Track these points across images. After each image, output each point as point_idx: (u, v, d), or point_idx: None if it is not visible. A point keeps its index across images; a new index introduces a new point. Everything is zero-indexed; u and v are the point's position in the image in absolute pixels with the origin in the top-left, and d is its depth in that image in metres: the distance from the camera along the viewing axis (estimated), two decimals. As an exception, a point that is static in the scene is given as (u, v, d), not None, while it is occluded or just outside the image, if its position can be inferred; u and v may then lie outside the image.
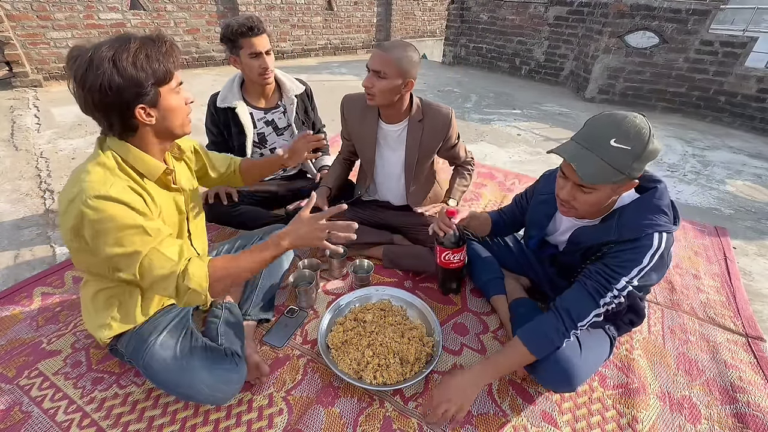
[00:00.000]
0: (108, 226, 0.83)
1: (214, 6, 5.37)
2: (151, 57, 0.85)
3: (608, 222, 1.06)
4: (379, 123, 1.57)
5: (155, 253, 0.88)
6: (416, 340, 1.29)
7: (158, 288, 0.91)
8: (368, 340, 1.28)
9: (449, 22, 6.54)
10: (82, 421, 1.09)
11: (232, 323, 1.24)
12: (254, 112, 1.75)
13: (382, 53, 1.33)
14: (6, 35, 3.82)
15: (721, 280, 1.82)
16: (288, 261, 1.50)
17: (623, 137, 0.89)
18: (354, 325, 1.35)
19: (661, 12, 4.23)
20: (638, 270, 0.97)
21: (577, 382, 1.08)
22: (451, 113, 1.54)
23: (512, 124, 3.95)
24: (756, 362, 1.39)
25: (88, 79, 0.81)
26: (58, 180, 2.38)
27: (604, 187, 0.95)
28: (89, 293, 1.06)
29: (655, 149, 0.92)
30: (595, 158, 0.92)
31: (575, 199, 1.01)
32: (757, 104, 4.11)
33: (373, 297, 1.48)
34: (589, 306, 1.01)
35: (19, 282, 1.57)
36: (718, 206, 2.57)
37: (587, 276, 1.04)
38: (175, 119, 0.95)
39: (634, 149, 0.89)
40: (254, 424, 1.11)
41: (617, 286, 0.98)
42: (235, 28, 1.52)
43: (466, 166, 1.73)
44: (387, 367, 1.20)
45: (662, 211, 0.99)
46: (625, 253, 0.99)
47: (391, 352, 1.24)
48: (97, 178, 0.85)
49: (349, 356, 1.23)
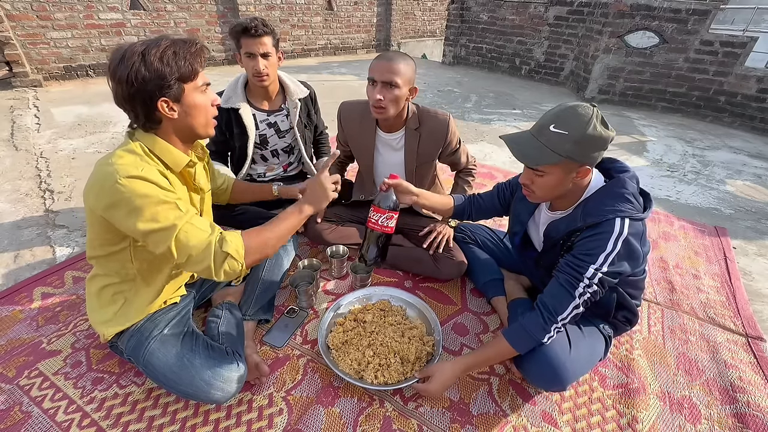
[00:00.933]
0: (143, 202, 0.86)
1: (214, 6, 5.37)
2: (178, 54, 0.90)
3: (573, 213, 1.09)
4: (377, 132, 1.56)
5: (190, 226, 0.91)
6: (416, 339, 1.29)
7: (195, 260, 0.91)
8: (368, 340, 1.28)
9: (449, 22, 6.54)
10: (82, 421, 1.09)
11: (233, 323, 1.24)
12: (257, 114, 1.75)
13: (391, 64, 1.32)
14: (6, 35, 3.82)
15: (721, 280, 1.82)
16: (288, 261, 1.50)
17: (561, 123, 0.97)
18: (354, 325, 1.35)
19: (661, 12, 4.23)
20: (604, 256, 0.98)
21: (567, 379, 1.08)
22: (448, 120, 1.51)
23: (512, 124, 3.95)
24: (756, 362, 1.39)
25: (119, 71, 0.86)
26: (58, 180, 2.38)
27: (551, 169, 1.01)
28: (95, 288, 1.07)
29: (598, 135, 0.95)
30: (535, 142, 1.01)
31: (533, 183, 1.07)
32: (757, 104, 4.11)
33: (373, 297, 1.48)
34: (565, 299, 1.03)
35: (19, 282, 1.57)
36: (718, 206, 2.57)
37: (559, 270, 1.07)
38: (198, 117, 0.97)
39: (570, 133, 0.96)
40: (254, 424, 1.11)
41: (586, 274, 1.00)
42: (237, 27, 1.55)
43: (467, 177, 1.71)
44: (388, 367, 1.20)
45: (625, 198, 1.02)
46: (589, 241, 1.01)
47: (392, 352, 1.24)
48: (129, 161, 0.89)
49: (350, 356, 1.23)
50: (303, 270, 1.54)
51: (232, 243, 0.93)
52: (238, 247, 0.93)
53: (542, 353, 1.07)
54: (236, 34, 1.57)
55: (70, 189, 2.28)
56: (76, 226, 1.96)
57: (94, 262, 1.06)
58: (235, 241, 0.94)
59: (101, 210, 0.89)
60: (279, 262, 1.46)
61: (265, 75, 1.62)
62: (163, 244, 0.88)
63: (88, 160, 2.64)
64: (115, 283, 1.05)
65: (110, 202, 0.86)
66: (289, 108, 1.81)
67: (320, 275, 1.61)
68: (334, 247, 1.67)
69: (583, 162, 0.99)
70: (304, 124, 1.89)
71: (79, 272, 1.63)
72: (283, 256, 1.48)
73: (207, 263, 0.90)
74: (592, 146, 0.97)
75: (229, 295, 1.40)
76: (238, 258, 0.93)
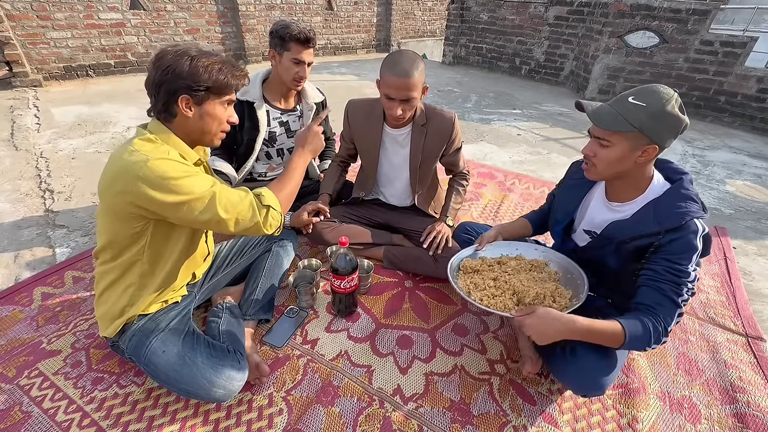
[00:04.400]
0: (179, 176, 0.91)
1: (214, 6, 5.37)
2: (222, 71, 0.97)
3: (641, 215, 1.07)
4: (384, 127, 1.59)
5: (225, 190, 0.99)
6: (546, 291, 1.18)
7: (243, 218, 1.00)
8: (496, 274, 1.27)
9: (449, 22, 6.54)
10: (82, 421, 1.09)
11: (233, 323, 1.24)
12: (270, 110, 1.76)
13: (407, 81, 1.31)
14: (6, 35, 3.82)
15: (721, 280, 1.82)
16: (288, 261, 1.50)
17: (641, 96, 0.98)
18: (492, 262, 1.33)
19: (661, 12, 4.23)
20: (696, 255, 0.99)
21: (607, 384, 1.06)
22: (454, 118, 1.55)
23: (512, 124, 3.95)
24: (756, 362, 1.39)
25: (164, 60, 0.93)
26: (58, 180, 2.38)
27: (619, 140, 1.00)
28: (106, 282, 1.05)
29: (676, 115, 0.95)
30: (610, 109, 1.01)
31: (595, 156, 1.06)
32: (757, 104, 4.11)
33: (532, 255, 1.37)
34: (671, 309, 1.00)
35: (19, 282, 1.57)
36: (718, 206, 2.57)
37: (659, 281, 1.02)
38: (210, 124, 1.02)
39: (648, 106, 0.96)
40: (254, 424, 1.11)
41: (689, 279, 0.99)
42: (294, 32, 1.54)
43: (461, 181, 1.73)
44: (497, 297, 1.18)
45: (692, 198, 1.03)
46: (679, 244, 1.00)
47: (511, 289, 1.21)
48: (150, 148, 0.93)
49: (471, 279, 1.26)
50: (303, 270, 1.54)
51: (268, 196, 1.05)
52: (272, 199, 1.05)
53: (585, 359, 1.04)
54: (287, 38, 1.55)
55: (70, 189, 2.28)
56: (76, 226, 1.96)
57: (105, 255, 1.04)
58: (269, 195, 1.06)
59: (133, 196, 0.89)
60: (279, 262, 1.46)
61: (304, 81, 1.69)
62: (209, 211, 0.95)
63: (88, 160, 2.64)
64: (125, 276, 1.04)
65: (147, 184, 0.88)
66: (303, 110, 1.83)
67: (320, 275, 1.62)
68: (334, 247, 1.67)
69: (653, 139, 0.98)
70: None
71: (79, 272, 1.63)
72: (283, 256, 1.48)
73: (256, 219, 1.01)
74: (667, 125, 0.96)
75: (229, 295, 1.40)
76: (277, 208, 1.05)
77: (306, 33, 1.56)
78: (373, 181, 1.74)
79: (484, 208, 2.33)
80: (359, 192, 1.78)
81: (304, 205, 1.60)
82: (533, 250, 1.36)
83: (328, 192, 1.71)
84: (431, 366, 1.31)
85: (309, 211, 1.58)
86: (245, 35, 5.75)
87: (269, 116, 1.75)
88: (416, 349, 1.37)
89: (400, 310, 1.53)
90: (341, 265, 1.34)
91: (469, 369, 1.30)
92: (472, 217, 2.22)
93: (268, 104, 1.74)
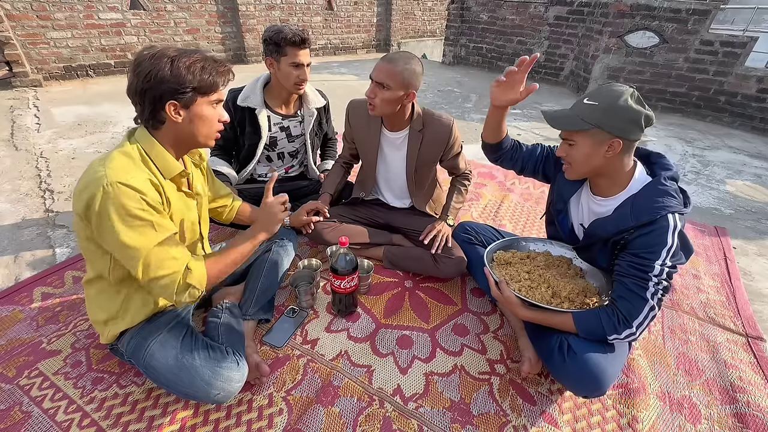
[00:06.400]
0: (120, 212, 0.85)
1: (214, 6, 5.37)
2: (205, 69, 0.93)
3: (621, 210, 1.08)
4: (382, 129, 1.59)
5: (162, 250, 0.91)
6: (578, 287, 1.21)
7: (159, 286, 0.92)
8: (529, 268, 1.29)
9: (449, 22, 6.54)
10: (82, 421, 1.09)
11: (233, 323, 1.24)
12: (272, 116, 1.75)
13: (386, 65, 1.34)
14: (6, 35, 3.82)
15: (721, 280, 1.82)
16: (288, 261, 1.50)
17: (594, 96, 1.04)
18: (523, 257, 1.36)
19: (661, 12, 4.23)
20: (667, 251, 0.99)
21: (608, 384, 1.05)
22: (452, 124, 1.54)
23: (512, 124, 3.95)
24: (756, 362, 1.39)
25: (143, 66, 0.89)
26: (58, 180, 2.38)
27: (582, 139, 1.06)
28: (95, 289, 1.06)
29: (631, 107, 0.98)
30: (568, 112, 1.09)
31: (567, 155, 1.12)
32: (757, 104, 4.11)
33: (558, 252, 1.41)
34: (638, 303, 1.02)
35: (19, 282, 1.57)
36: (718, 206, 2.57)
37: (622, 274, 1.05)
38: (201, 127, 0.98)
39: (600, 104, 1.01)
40: (254, 424, 1.11)
41: (653, 272, 0.99)
42: (288, 36, 1.52)
43: (463, 181, 1.73)
44: (534, 289, 1.20)
45: (669, 194, 1.03)
46: (649, 238, 1.01)
47: (546, 283, 1.22)
48: (121, 165, 0.89)
49: (505, 270, 1.28)
50: (303, 270, 1.54)
51: (196, 273, 0.96)
52: (201, 278, 0.97)
53: (584, 360, 1.04)
54: (282, 42, 1.53)
55: (70, 189, 2.28)
56: (76, 226, 1.96)
57: (88, 264, 1.04)
58: (198, 272, 0.97)
59: (81, 210, 0.88)
60: (279, 262, 1.45)
61: (305, 84, 1.67)
62: (131, 261, 0.90)
63: (88, 160, 2.64)
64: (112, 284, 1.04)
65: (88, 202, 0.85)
66: (304, 115, 1.82)
67: (320, 275, 1.62)
68: (334, 247, 1.67)
69: (613, 132, 1.00)
70: (315, 132, 1.91)
71: (79, 272, 1.63)
72: (283, 256, 1.48)
73: (170, 291, 0.93)
74: (623, 118, 0.99)
75: (230, 295, 1.40)
76: (199, 287, 0.97)
77: (300, 34, 1.54)
78: (373, 182, 1.74)
79: (484, 208, 2.33)
80: (359, 192, 1.78)
81: (303, 205, 1.60)
82: (559, 248, 1.40)
83: (329, 192, 1.72)
84: (431, 366, 1.31)
85: (308, 210, 1.58)
86: (245, 35, 5.75)
87: (270, 122, 1.75)
88: (416, 349, 1.37)
89: (400, 310, 1.53)
90: (341, 265, 1.34)
91: (469, 369, 1.30)
92: (472, 217, 2.22)
93: (269, 110, 1.74)
